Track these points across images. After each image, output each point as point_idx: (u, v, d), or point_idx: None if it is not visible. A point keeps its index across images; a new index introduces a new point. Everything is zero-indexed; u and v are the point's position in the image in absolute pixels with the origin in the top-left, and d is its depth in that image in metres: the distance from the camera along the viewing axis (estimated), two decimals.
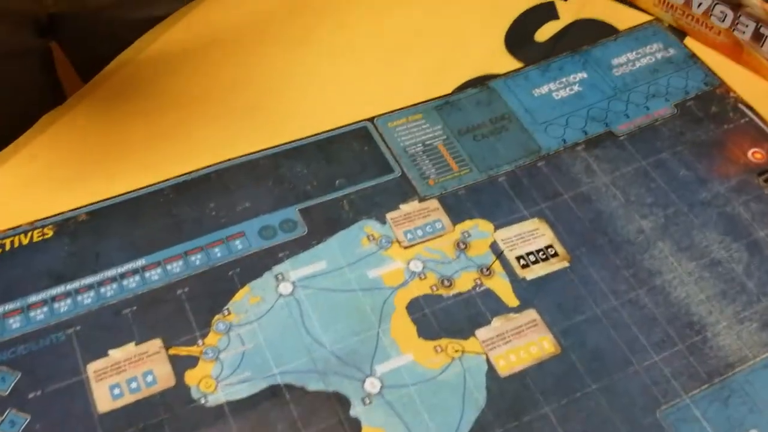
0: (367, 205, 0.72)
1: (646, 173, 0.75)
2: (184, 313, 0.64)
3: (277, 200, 0.72)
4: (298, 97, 0.81)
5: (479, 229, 0.71)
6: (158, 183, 0.73)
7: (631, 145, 0.78)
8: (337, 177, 0.74)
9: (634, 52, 0.85)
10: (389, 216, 0.72)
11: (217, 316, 0.64)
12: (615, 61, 0.84)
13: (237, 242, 0.69)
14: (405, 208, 0.72)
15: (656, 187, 0.74)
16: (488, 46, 0.87)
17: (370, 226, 0.71)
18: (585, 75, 0.83)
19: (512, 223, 0.72)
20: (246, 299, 0.66)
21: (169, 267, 0.67)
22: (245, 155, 0.75)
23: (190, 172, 0.74)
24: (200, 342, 0.63)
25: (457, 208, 0.73)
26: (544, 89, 0.82)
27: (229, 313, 0.65)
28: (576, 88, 0.82)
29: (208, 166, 0.74)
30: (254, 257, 0.68)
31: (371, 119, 0.79)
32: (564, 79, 0.83)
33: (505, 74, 0.84)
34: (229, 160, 0.75)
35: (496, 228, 0.71)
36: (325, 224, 0.71)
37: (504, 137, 0.78)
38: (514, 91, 0.82)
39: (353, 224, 0.71)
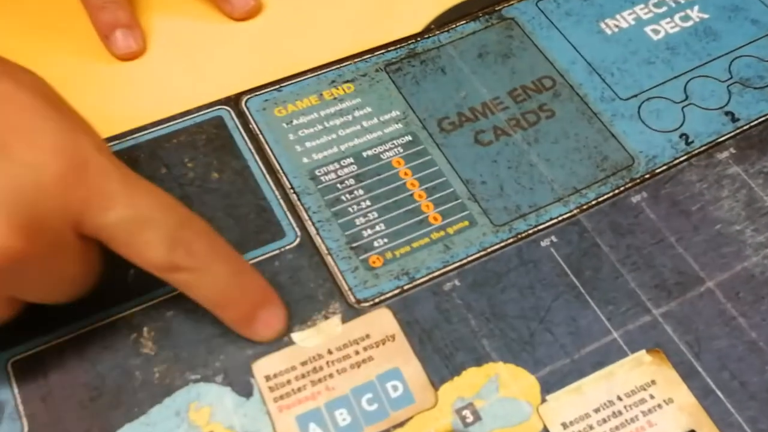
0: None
1: None
2: None
3: None
4: (63, 60, 0.36)
5: (501, 392, 0.27)
6: None
7: None
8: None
9: None
10: (259, 368, 0.27)
11: None
12: None
13: None
14: (308, 338, 0.28)
15: None
16: None
17: (208, 403, 0.26)
18: None
19: (585, 369, 0.28)
20: None
21: None
22: None
23: None
24: None
25: (444, 329, 0.28)
26: (627, 19, 0.37)
27: None
28: (696, 14, 0.38)
29: None
30: None
31: (233, 99, 0.34)
32: None
33: None
34: None
35: (545, 386, 0.27)
36: (77, 404, 0.26)
37: (547, 133, 0.33)
38: (559, 27, 0.37)
39: (164, 399, 0.26)
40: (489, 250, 0.30)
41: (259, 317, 0.27)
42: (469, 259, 0.30)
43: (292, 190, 0.31)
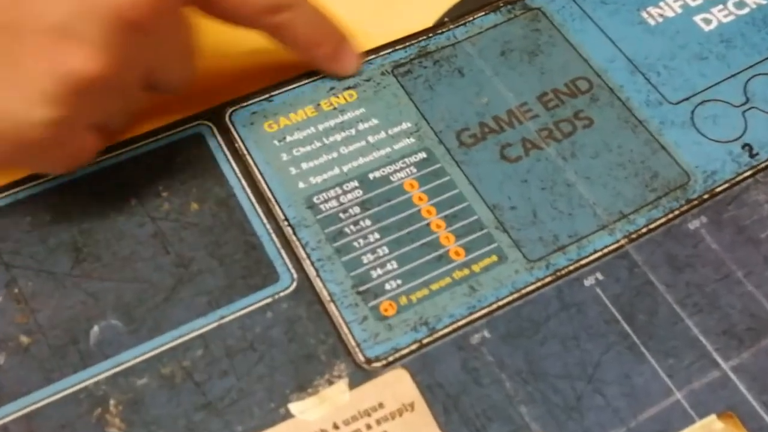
0: (182, 410, 0.23)
1: None
2: None
3: None
4: None
5: None
6: None
7: None
8: (91, 316, 0.24)
9: None
10: None
11: None
12: None
13: None
14: (309, 409, 0.23)
15: None
16: None
17: None
18: None
19: None
20: None
21: None
22: None
23: None
24: None
25: (473, 394, 0.23)
26: (673, 6, 0.32)
27: None
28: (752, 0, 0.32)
29: None
30: None
31: (214, 112, 0.29)
32: None
33: None
34: None
35: None
36: None
37: (585, 146, 0.28)
38: (593, 17, 0.32)
39: None
40: (523, 291, 0.25)
41: (343, 51, 0.29)
42: (500, 303, 0.25)
43: (286, 223, 0.26)
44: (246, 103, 0.29)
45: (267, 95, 0.29)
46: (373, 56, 0.30)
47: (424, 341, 0.24)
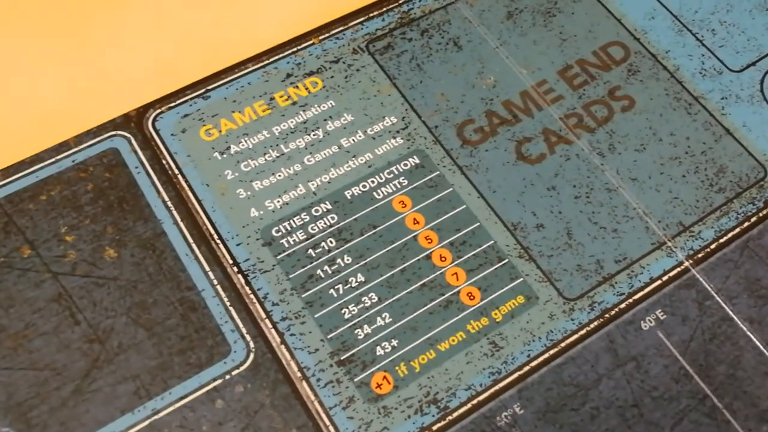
0: None
1: None
2: None
3: None
4: None
5: None
6: None
7: None
8: None
9: None
10: None
11: None
12: None
13: None
14: None
15: None
16: None
17: None
18: None
19: None
20: None
21: None
22: None
23: None
24: None
25: None
26: None
27: None
28: None
29: None
30: None
31: (133, 118, 0.21)
32: None
33: None
34: None
35: None
36: None
37: (627, 136, 0.22)
38: None
39: None
40: (563, 344, 0.19)
41: None
42: (534, 364, 0.19)
43: (236, 269, 0.19)
44: (174, 103, 0.22)
45: (202, 90, 0.22)
46: (341, 27, 0.23)
47: (435, 428, 0.18)
